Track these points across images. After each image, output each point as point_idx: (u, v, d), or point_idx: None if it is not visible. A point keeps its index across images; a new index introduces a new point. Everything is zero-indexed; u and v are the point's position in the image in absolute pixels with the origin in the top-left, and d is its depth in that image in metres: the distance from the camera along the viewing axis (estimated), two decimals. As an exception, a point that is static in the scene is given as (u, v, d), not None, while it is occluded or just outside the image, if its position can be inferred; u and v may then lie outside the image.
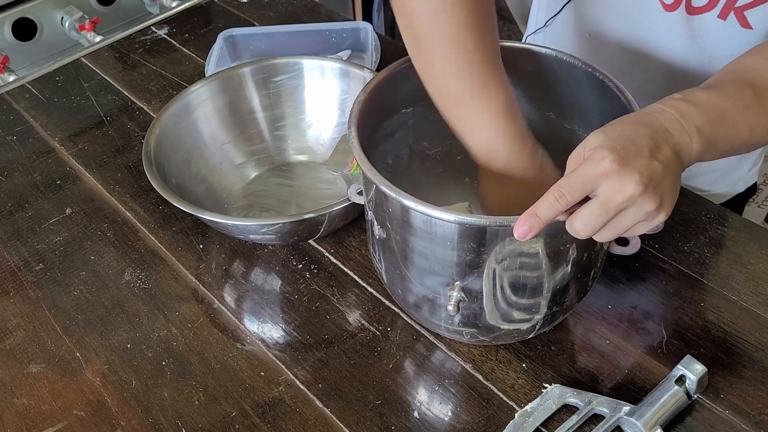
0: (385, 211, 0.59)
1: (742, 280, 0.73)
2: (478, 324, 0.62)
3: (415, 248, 0.59)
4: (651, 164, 0.49)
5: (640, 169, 0.49)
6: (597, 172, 0.49)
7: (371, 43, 1.03)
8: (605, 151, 0.49)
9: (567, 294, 0.61)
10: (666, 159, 0.51)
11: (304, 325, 0.72)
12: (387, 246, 0.62)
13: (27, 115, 1.00)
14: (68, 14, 1.26)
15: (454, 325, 0.63)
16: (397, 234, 0.59)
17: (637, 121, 0.53)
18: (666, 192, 0.51)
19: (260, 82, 0.88)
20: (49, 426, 0.65)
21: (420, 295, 0.63)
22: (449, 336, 0.68)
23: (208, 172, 0.85)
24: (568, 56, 0.66)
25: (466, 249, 0.56)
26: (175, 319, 0.73)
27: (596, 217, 0.50)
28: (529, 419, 0.62)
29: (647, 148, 0.50)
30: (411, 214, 0.56)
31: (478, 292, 0.59)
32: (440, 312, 0.63)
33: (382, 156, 0.72)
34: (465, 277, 0.58)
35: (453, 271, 0.58)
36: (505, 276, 0.58)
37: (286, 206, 0.84)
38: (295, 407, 0.65)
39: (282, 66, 0.89)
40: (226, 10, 1.20)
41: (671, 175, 0.51)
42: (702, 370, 0.60)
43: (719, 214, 0.79)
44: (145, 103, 1.01)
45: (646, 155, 0.50)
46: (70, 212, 0.86)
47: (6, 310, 0.75)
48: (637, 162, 0.49)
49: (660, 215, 0.51)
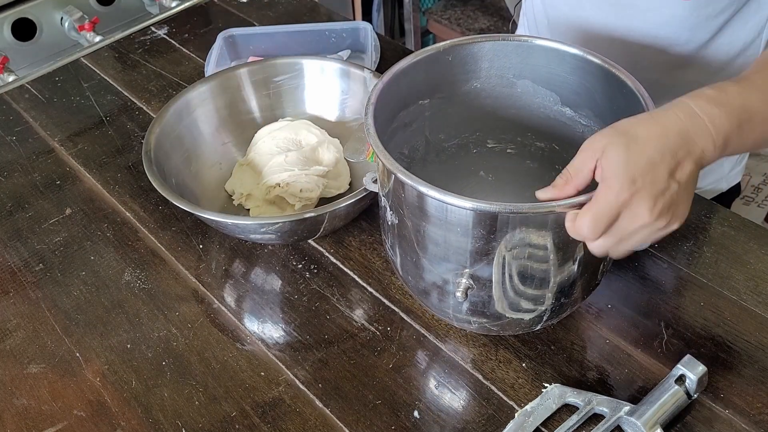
0: (399, 198, 0.60)
1: (742, 279, 0.73)
2: (486, 312, 0.62)
3: (427, 234, 0.59)
4: (668, 188, 0.50)
5: (656, 196, 0.50)
6: (617, 204, 0.50)
7: (371, 43, 1.03)
8: (624, 181, 0.50)
9: (575, 287, 0.62)
10: (685, 177, 0.51)
11: (304, 325, 0.72)
12: (400, 233, 0.62)
13: (27, 115, 1.00)
14: (68, 14, 1.26)
15: (462, 312, 0.63)
16: (411, 220, 0.60)
17: (663, 132, 0.52)
18: (681, 209, 0.52)
19: (260, 82, 0.89)
20: (49, 426, 0.65)
21: (431, 282, 0.63)
22: (458, 325, 0.68)
23: (208, 172, 0.85)
24: (585, 51, 0.66)
25: (476, 236, 0.56)
26: (175, 319, 0.73)
27: (610, 241, 0.52)
28: (529, 419, 0.62)
29: (667, 172, 0.50)
30: (425, 200, 0.56)
31: (487, 280, 0.59)
32: (449, 299, 0.63)
33: (398, 146, 0.71)
34: (475, 264, 0.58)
35: (464, 258, 0.59)
36: (514, 264, 0.58)
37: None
38: (295, 407, 0.65)
39: (282, 66, 0.89)
40: (225, 10, 1.20)
41: (688, 191, 0.52)
42: (702, 369, 0.60)
43: (719, 214, 0.79)
44: (145, 103, 1.01)
45: (664, 179, 0.50)
46: (69, 212, 0.86)
47: (6, 310, 0.75)
48: (654, 188, 0.50)
49: (672, 227, 0.52)
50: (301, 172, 0.81)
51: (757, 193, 1.91)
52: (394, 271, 0.75)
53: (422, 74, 0.68)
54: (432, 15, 2.20)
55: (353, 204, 0.71)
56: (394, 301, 0.73)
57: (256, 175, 0.83)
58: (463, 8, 2.22)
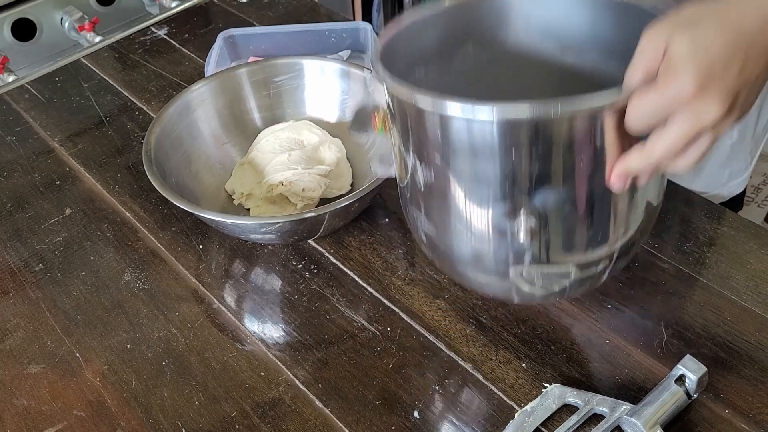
0: (428, 139, 0.52)
1: (742, 279, 0.73)
2: (553, 259, 0.54)
3: (469, 173, 0.52)
4: (736, 84, 0.44)
5: (725, 95, 0.44)
6: (677, 98, 0.44)
7: (371, 43, 1.03)
8: (690, 70, 0.43)
9: (640, 215, 0.55)
10: (755, 72, 0.45)
11: (304, 325, 0.72)
12: (435, 190, 0.55)
13: (26, 115, 1.00)
14: (68, 14, 1.26)
15: (525, 266, 0.55)
16: (446, 162, 0.52)
17: (730, 26, 0.45)
18: (746, 103, 0.46)
19: (260, 82, 0.89)
20: (49, 426, 0.65)
21: (482, 238, 0.54)
22: (519, 299, 0.62)
23: (208, 172, 0.85)
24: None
25: (534, 153, 0.48)
26: (175, 319, 0.73)
27: (673, 139, 0.46)
28: (529, 419, 0.62)
29: (737, 66, 0.44)
30: (460, 123, 0.49)
31: (551, 210, 0.51)
32: (507, 252, 0.54)
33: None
34: (535, 193, 0.51)
35: (521, 187, 0.51)
36: (581, 182, 0.50)
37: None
38: (295, 407, 0.65)
39: (282, 66, 0.89)
40: (225, 11, 1.20)
41: (757, 87, 0.46)
42: (702, 369, 0.60)
43: (719, 214, 0.80)
44: (145, 104, 1.01)
45: (735, 74, 0.44)
46: (69, 212, 0.86)
47: (6, 310, 0.75)
48: (723, 84, 0.44)
49: (731, 119, 0.46)
50: (305, 171, 0.81)
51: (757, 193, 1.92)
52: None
53: (418, 40, 0.61)
54: (432, 15, 2.20)
55: (353, 204, 0.71)
56: (394, 301, 0.73)
57: (257, 175, 0.83)
58: (463, 8, 2.22)
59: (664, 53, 0.45)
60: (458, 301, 0.73)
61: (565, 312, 0.71)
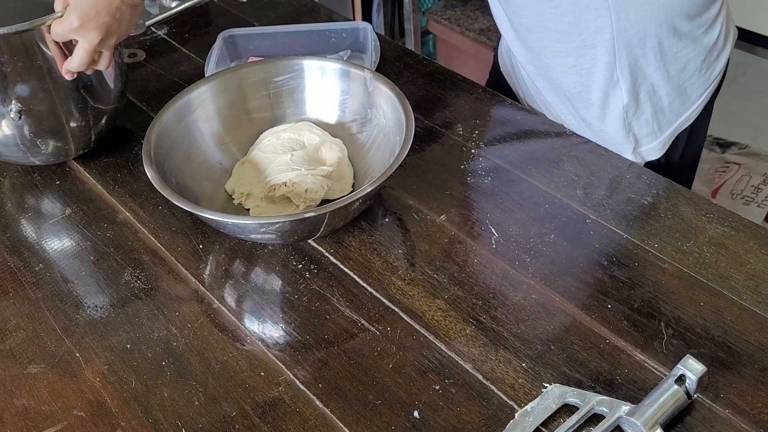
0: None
1: (742, 279, 0.73)
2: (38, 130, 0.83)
3: None
4: (105, 21, 0.75)
5: (99, 27, 0.75)
6: (68, 28, 0.75)
7: (371, 43, 1.03)
8: (73, 13, 0.74)
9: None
10: (111, 15, 0.75)
11: (304, 325, 0.72)
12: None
13: (27, 115, 1.00)
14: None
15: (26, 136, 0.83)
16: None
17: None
18: (120, 30, 0.78)
19: (260, 82, 0.89)
20: (49, 426, 0.65)
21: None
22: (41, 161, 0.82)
23: (207, 172, 0.85)
24: None
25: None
26: (175, 319, 0.73)
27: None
28: (529, 419, 0.62)
29: (103, 12, 0.75)
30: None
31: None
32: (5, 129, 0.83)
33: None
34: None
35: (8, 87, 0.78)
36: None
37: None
38: (295, 407, 0.65)
39: (282, 66, 0.89)
40: (225, 11, 1.20)
41: (122, 22, 0.77)
42: (702, 369, 0.60)
43: (719, 213, 0.80)
44: (145, 103, 1.01)
45: (102, 16, 0.75)
46: (69, 212, 0.86)
47: (6, 310, 0.75)
48: (96, 22, 0.75)
49: (112, 40, 0.78)
50: (308, 171, 0.81)
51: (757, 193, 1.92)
52: (393, 272, 0.75)
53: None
54: (432, 15, 2.20)
55: (353, 204, 0.71)
56: (394, 301, 0.73)
57: (257, 174, 0.83)
58: (463, 8, 2.22)
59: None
60: (458, 301, 0.73)
61: (565, 312, 0.71)
